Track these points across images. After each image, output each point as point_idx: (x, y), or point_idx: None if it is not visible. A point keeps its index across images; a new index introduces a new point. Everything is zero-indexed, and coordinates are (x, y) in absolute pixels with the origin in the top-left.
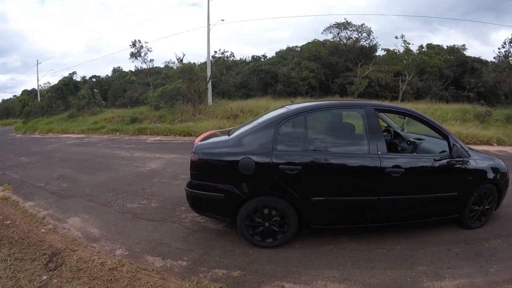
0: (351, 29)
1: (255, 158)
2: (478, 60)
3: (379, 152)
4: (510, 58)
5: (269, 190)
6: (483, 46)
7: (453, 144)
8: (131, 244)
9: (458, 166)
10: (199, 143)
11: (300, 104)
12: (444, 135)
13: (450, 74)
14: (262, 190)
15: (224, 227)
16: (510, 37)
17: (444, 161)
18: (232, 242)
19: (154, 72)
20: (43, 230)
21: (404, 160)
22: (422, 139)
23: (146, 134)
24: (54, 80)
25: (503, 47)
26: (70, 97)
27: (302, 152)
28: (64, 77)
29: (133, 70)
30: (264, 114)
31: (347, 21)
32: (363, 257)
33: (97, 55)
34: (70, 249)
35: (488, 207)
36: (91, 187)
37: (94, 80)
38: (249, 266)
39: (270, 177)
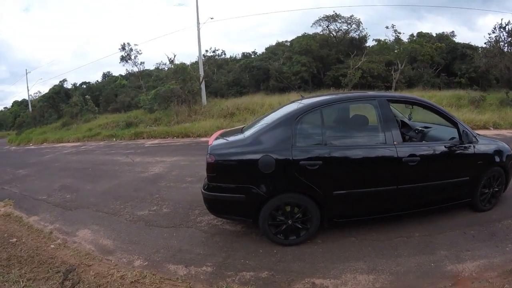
0: (340, 21)
1: (275, 155)
2: (468, 46)
3: (395, 142)
4: (500, 43)
5: (290, 187)
6: (471, 32)
7: (463, 130)
8: (149, 254)
9: (468, 151)
10: (214, 143)
11: (313, 98)
12: (453, 122)
13: (441, 61)
14: (283, 188)
15: (243, 228)
16: (500, 23)
17: (456, 148)
18: (254, 243)
19: (145, 75)
20: (52, 246)
21: (418, 148)
22: (429, 127)
23: (143, 138)
24: (45, 89)
25: (493, 33)
26: (62, 105)
27: (321, 147)
28: (55, 85)
29: (123, 74)
30: (276, 110)
31: (336, 14)
32: (385, 247)
33: (86, 60)
34: (85, 264)
35: (497, 189)
36: (96, 196)
37: (85, 86)
38: (276, 265)
39: (291, 174)
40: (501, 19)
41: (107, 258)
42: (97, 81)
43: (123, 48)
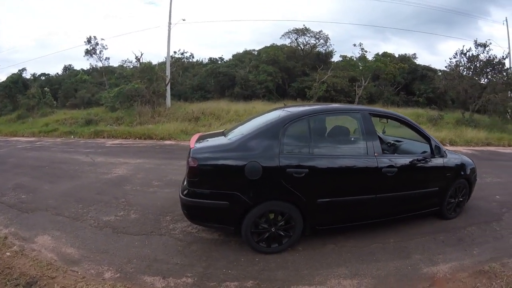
0: (309, 35)
1: (262, 162)
2: (428, 68)
3: (376, 154)
4: (460, 68)
5: (276, 194)
6: (432, 56)
7: (435, 145)
8: (120, 264)
9: (439, 164)
10: (197, 146)
11: (297, 107)
12: (426, 138)
13: (401, 81)
14: (269, 195)
15: (221, 236)
16: (461, 49)
17: (428, 160)
18: (234, 251)
19: (108, 71)
20: (8, 254)
21: (397, 160)
22: (400, 141)
23: (104, 137)
24: (2, 77)
25: (454, 58)
26: (19, 96)
27: (308, 155)
28: (13, 74)
29: (86, 69)
30: (258, 117)
31: (305, 28)
32: (364, 253)
33: (48, 51)
34: (48, 276)
35: (461, 199)
36: (55, 198)
37: (44, 78)
38: (260, 274)
39: (277, 181)
40: (463, 46)
41: (72, 269)
42: (57, 73)
43: (88, 41)
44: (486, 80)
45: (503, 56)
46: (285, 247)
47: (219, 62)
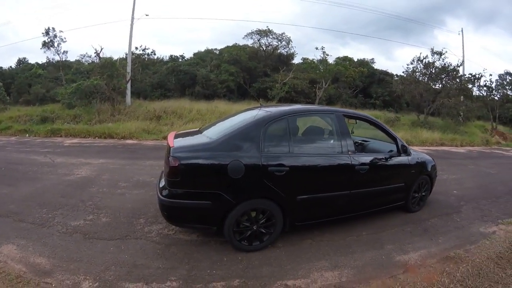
0: (271, 36)
1: (244, 161)
2: (385, 73)
3: (349, 152)
4: (416, 73)
5: (258, 193)
6: (388, 61)
7: (401, 145)
8: (97, 272)
9: (405, 162)
10: (177, 145)
11: (275, 107)
12: (393, 138)
13: (359, 84)
14: (251, 193)
15: (200, 237)
16: (418, 56)
17: (396, 158)
18: (216, 251)
19: (66, 66)
20: None
21: (368, 158)
22: (367, 141)
23: (61, 136)
24: None
25: (411, 64)
26: None
27: (288, 154)
28: None
29: (40, 63)
30: (235, 116)
31: (268, 29)
32: (340, 246)
33: (0, 42)
34: None
35: (424, 194)
36: (16, 202)
37: None
38: (245, 272)
39: (259, 180)
40: (420, 53)
41: (45, 281)
42: (11, 67)
43: (47, 33)
44: (440, 85)
45: (457, 64)
46: (266, 244)
47: (180, 60)
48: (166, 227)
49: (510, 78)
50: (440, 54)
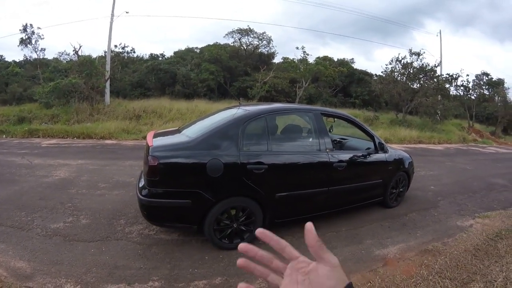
0: (252, 36)
1: (223, 159)
2: (365, 73)
3: (327, 150)
4: (395, 73)
5: (237, 191)
6: (368, 61)
7: (379, 142)
8: (79, 275)
9: (382, 159)
10: (156, 144)
11: (254, 106)
12: (370, 135)
13: (339, 83)
14: (230, 191)
15: (180, 236)
16: (397, 56)
17: (373, 156)
18: (197, 250)
19: (43, 64)
20: None
21: (346, 156)
22: (346, 139)
23: (39, 137)
24: None
25: (390, 64)
26: None
27: (266, 152)
28: None
29: (18, 61)
30: (214, 115)
31: (249, 28)
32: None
33: None
34: None
35: (402, 189)
36: None
37: None
38: (227, 270)
39: (238, 178)
40: (398, 54)
41: (26, 285)
42: None
43: (24, 29)
44: (418, 85)
45: (435, 64)
46: (247, 242)
47: (160, 58)
48: (147, 228)
49: (486, 78)
50: (418, 54)
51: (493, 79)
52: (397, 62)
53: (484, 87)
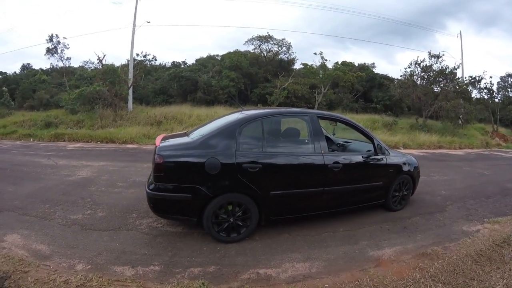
0: (272, 42)
1: (220, 158)
2: (385, 77)
3: (322, 151)
4: (414, 77)
5: (233, 187)
6: (390, 65)
7: (377, 144)
8: (91, 257)
9: (381, 161)
10: (162, 145)
11: (254, 110)
12: (369, 138)
13: (360, 88)
14: (227, 188)
15: (185, 229)
16: (416, 60)
17: (371, 158)
18: (198, 242)
19: (69, 72)
20: None
21: (341, 157)
22: (349, 142)
23: (64, 141)
24: None
25: (409, 67)
26: None
27: (261, 152)
28: None
29: (45, 69)
30: (219, 119)
31: (269, 35)
32: (315, 240)
33: (6, 48)
34: (21, 270)
35: (406, 193)
36: (20, 199)
37: (0, 77)
38: (221, 260)
39: (234, 175)
40: (417, 57)
41: (44, 264)
42: (15, 72)
43: (50, 39)
44: (438, 88)
45: (454, 67)
46: (244, 237)
47: (182, 66)
48: (156, 221)
49: (511, 79)
50: (437, 57)
51: None
52: (416, 66)
53: (509, 89)
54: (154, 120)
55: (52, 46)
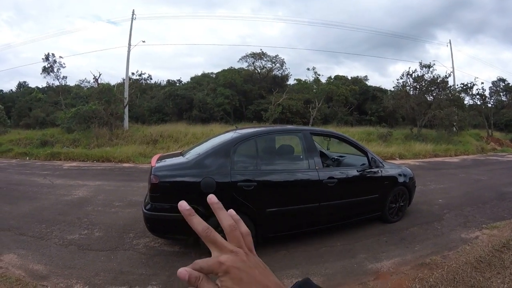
0: (265, 59)
1: (215, 177)
2: (379, 89)
3: (317, 167)
4: (407, 87)
5: (229, 205)
6: (382, 77)
7: (371, 157)
8: (88, 277)
9: (376, 174)
10: (157, 165)
11: (248, 129)
12: (363, 151)
13: (354, 101)
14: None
15: (181, 249)
16: (408, 70)
17: (366, 171)
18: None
19: (65, 90)
20: None
21: (336, 172)
22: (343, 156)
23: (60, 160)
24: None
25: (401, 78)
26: None
27: (256, 170)
28: None
29: (41, 87)
30: (213, 138)
31: (262, 52)
32: (313, 255)
33: (2, 66)
34: None
35: (402, 204)
36: (16, 218)
37: None
38: None
39: (230, 194)
40: (409, 67)
41: (42, 284)
42: (11, 90)
43: (46, 58)
44: (431, 97)
45: (445, 75)
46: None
47: (177, 84)
48: (153, 240)
49: (503, 84)
50: (428, 67)
51: (510, 84)
52: (408, 76)
53: (501, 93)
54: (150, 138)
55: (48, 65)
